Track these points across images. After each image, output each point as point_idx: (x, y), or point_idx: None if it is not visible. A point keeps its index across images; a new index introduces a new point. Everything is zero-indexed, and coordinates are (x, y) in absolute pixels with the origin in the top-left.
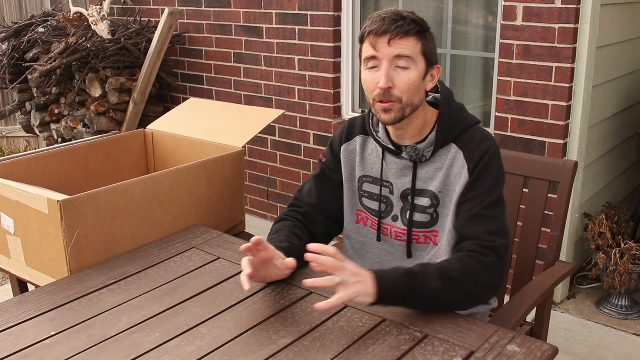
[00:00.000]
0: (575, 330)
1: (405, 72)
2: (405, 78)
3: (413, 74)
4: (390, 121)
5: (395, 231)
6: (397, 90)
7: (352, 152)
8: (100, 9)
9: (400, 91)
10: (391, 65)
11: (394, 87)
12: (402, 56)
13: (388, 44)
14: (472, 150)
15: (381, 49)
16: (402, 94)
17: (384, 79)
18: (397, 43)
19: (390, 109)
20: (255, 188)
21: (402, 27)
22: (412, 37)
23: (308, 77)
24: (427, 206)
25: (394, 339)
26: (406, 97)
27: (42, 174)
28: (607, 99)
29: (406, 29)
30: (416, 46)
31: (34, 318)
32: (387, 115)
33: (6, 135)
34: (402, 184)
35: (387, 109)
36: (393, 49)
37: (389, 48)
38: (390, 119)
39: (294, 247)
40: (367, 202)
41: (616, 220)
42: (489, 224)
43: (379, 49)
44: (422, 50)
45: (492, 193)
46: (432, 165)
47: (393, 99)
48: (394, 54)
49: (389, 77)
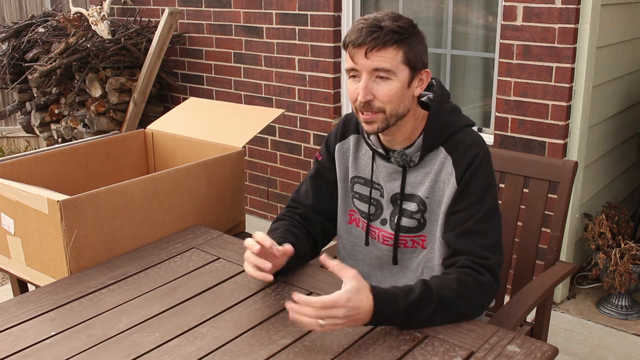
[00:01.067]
0: (575, 330)
1: (385, 83)
2: (385, 89)
3: (394, 84)
4: (373, 132)
5: (383, 235)
6: (378, 102)
7: (346, 151)
8: (100, 9)
9: (382, 102)
10: (371, 77)
11: (374, 99)
12: (380, 69)
13: (365, 57)
14: (460, 157)
15: (359, 61)
16: (384, 104)
17: (362, 92)
18: (374, 55)
19: (373, 120)
20: (255, 188)
21: (377, 39)
22: (390, 47)
23: (308, 77)
24: (414, 211)
25: (394, 339)
26: (389, 108)
27: (42, 174)
28: (607, 99)
29: (382, 40)
30: (396, 56)
31: (34, 318)
32: (369, 127)
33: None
34: (392, 188)
35: (369, 121)
36: (371, 62)
37: (367, 60)
38: (373, 130)
39: (289, 243)
40: (357, 203)
41: (616, 220)
42: (482, 239)
43: (357, 61)
44: (403, 59)
45: (482, 203)
46: (421, 170)
47: (374, 109)
48: (372, 67)
49: (368, 90)
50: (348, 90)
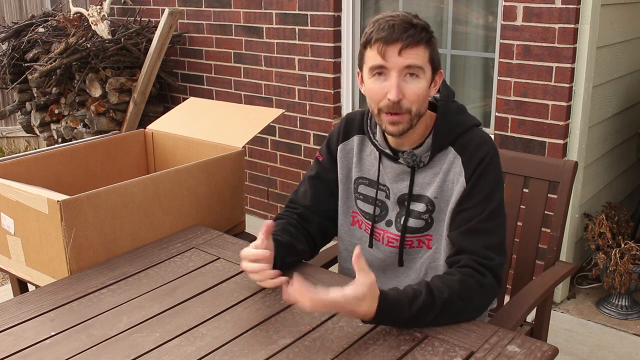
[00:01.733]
0: (575, 330)
1: (414, 81)
2: (414, 88)
3: (422, 83)
4: (397, 133)
5: (388, 236)
6: (407, 101)
7: (349, 152)
8: (100, 9)
9: (410, 102)
10: (400, 75)
11: (403, 98)
12: (412, 66)
13: (399, 54)
14: (470, 156)
15: (391, 59)
16: (411, 104)
17: (395, 91)
18: (408, 53)
19: (400, 121)
20: (255, 188)
21: (414, 37)
22: (422, 45)
23: (308, 77)
24: (422, 212)
25: (394, 339)
26: (415, 108)
27: (42, 174)
28: (607, 99)
29: (418, 37)
30: (425, 54)
31: (34, 318)
32: (394, 128)
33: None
34: (399, 189)
35: (396, 122)
36: (404, 59)
37: (400, 58)
38: (398, 131)
39: (283, 240)
40: (361, 204)
41: (616, 220)
42: (486, 238)
43: (388, 59)
44: (429, 57)
45: (489, 202)
46: (430, 170)
47: (403, 110)
48: (405, 64)
49: (400, 89)
50: (370, 89)
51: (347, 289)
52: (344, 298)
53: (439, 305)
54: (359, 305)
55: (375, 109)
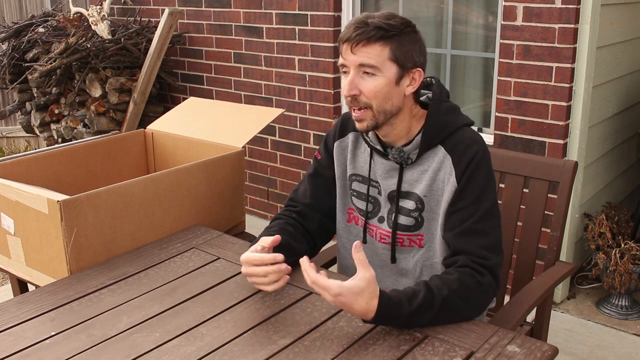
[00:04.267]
0: (575, 330)
1: (370, 78)
2: (370, 85)
3: (379, 80)
4: (363, 129)
5: (380, 233)
6: (364, 97)
7: (344, 149)
8: (100, 9)
9: (367, 97)
10: (358, 72)
11: (360, 94)
12: (365, 64)
13: (351, 52)
14: (460, 156)
15: (347, 57)
16: (369, 100)
17: (347, 87)
18: (360, 50)
19: (362, 118)
20: (255, 188)
21: (362, 35)
22: (375, 43)
23: (308, 77)
24: (412, 209)
25: (394, 339)
26: (375, 104)
27: (42, 174)
28: (607, 99)
29: (367, 36)
30: (381, 52)
31: (34, 318)
32: (359, 124)
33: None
34: (389, 185)
35: (359, 119)
36: (357, 57)
37: (353, 55)
38: (363, 127)
39: (282, 241)
40: (355, 201)
41: (616, 220)
42: (482, 239)
43: (345, 57)
44: (390, 55)
45: (482, 202)
46: (419, 167)
47: (361, 105)
48: (358, 62)
49: (353, 84)
50: (341, 85)
51: (345, 282)
52: (340, 288)
53: (438, 303)
54: (356, 300)
55: (347, 104)
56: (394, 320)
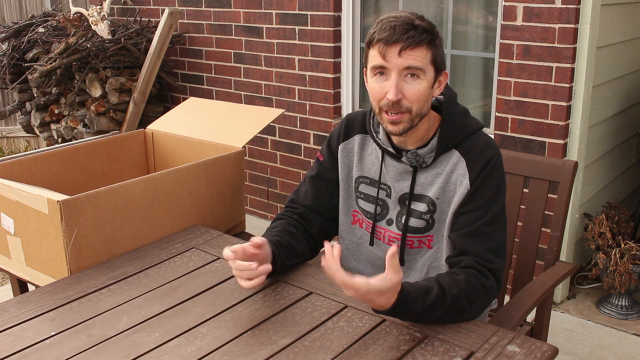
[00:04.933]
0: (575, 330)
1: (415, 82)
2: (414, 89)
3: (423, 84)
4: (398, 132)
5: (389, 235)
6: (407, 101)
7: (350, 151)
8: (100, 9)
9: (410, 102)
10: (400, 76)
11: (403, 98)
12: (412, 67)
13: (398, 55)
14: (475, 159)
15: (391, 59)
16: (411, 104)
17: (394, 91)
18: (407, 54)
19: (400, 121)
20: (255, 188)
21: (414, 38)
22: (422, 46)
23: (308, 77)
24: (424, 212)
25: (394, 339)
26: (416, 108)
27: (42, 174)
28: (607, 99)
29: (418, 39)
30: (426, 56)
31: (34, 318)
32: (395, 127)
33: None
34: (401, 188)
35: (396, 121)
36: (403, 60)
37: (399, 59)
38: (399, 131)
39: (284, 242)
40: (362, 203)
41: (616, 220)
42: (488, 242)
43: (389, 59)
44: (431, 59)
45: (491, 206)
46: (432, 170)
47: (403, 109)
48: (405, 65)
49: (399, 89)
50: (371, 89)
51: (373, 280)
52: (367, 287)
53: (448, 301)
54: (378, 297)
55: (376, 107)
56: (407, 314)
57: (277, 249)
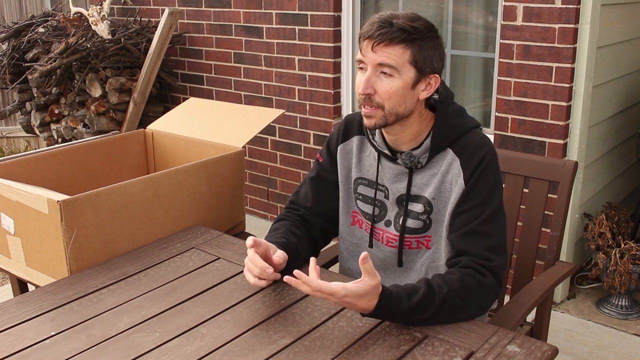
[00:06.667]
0: (575, 330)
1: (388, 79)
2: (386, 86)
3: (396, 82)
4: (371, 126)
5: (387, 236)
6: (378, 97)
7: (349, 152)
8: (100, 9)
9: (382, 98)
10: (375, 71)
11: (375, 94)
12: (384, 64)
13: (372, 50)
14: (469, 158)
15: (366, 54)
16: (383, 101)
17: (363, 85)
18: (380, 50)
19: (372, 115)
20: (255, 188)
21: (385, 35)
22: (397, 45)
23: (308, 77)
24: (420, 212)
25: (394, 339)
26: (388, 105)
27: (42, 174)
28: (607, 99)
29: (390, 36)
30: (402, 55)
31: (34, 318)
32: (368, 121)
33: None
34: (398, 189)
35: (368, 115)
36: (376, 56)
37: (373, 54)
38: (371, 125)
39: (290, 244)
40: (361, 204)
41: (616, 220)
42: (486, 240)
43: (365, 54)
44: (410, 59)
45: (488, 204)
46: (428, 171)
47: (374, 104)
48: (377, 61)
49: (369, 83)
50: (356, 81)
51: (350, 285)
52: (345, 290)
53: (438, 301)
54: (358, 300)
55: (358, 100)
56: (392, 314)
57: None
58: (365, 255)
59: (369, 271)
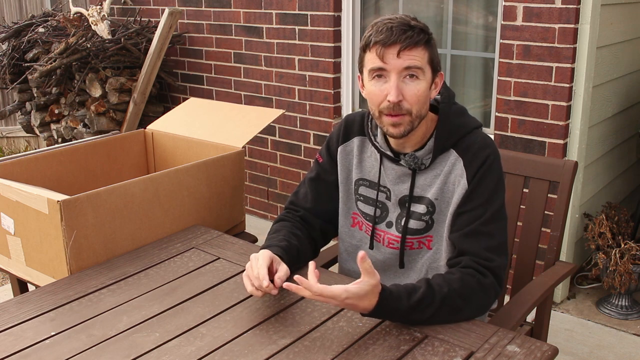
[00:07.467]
0: (575, 330)
1: (414, 83)
2: (414, 89)
3: (422, 84)
4: (399, 135)
5: (389, 238)
6: (407, 103)
7: (349, 153)
8: (100, 9)
9: (410, 103)
10: (400, 77)
11: (403, 100)
12: (411, 67)
13: (397, 56)
14: (472, 159)
15: (390, 61)
16: (411, 105)
17: (395, 92)
18: (406, 54)
19: (400, 122)
20: (255, 188)
21: (412, 38)
22: (420, 47)
23: (308, 77)
24: (423, 213)
25: (394, 339)
26: (416, 109)
27: (42, 174)
28: (607, 99)
29: (416, 39)
30: (424, 56)
31: (34, 318)
32: (396, 129)
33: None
34: (400, 191)
35: (397, 123)
36: (402, 61)
37: (398, 60)
38: (399, 133)
39: (292, 246)
40: (361, 206)
41: (616, 220)
42: (487, 241)
43: (388, 61)
44: (429, 59)
45: (490, 205)
46: (431, 172)
47: (403, 111)
48: (404, 65)
49: (399, 90)
50: (370, 92)
51: (351, 286)
52: (346, 293)
53: (438, 300)
54: (359, 301)
55: (376, 111)
56: (392, 313)
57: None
58: (364, 255)
59: (368, 270)
